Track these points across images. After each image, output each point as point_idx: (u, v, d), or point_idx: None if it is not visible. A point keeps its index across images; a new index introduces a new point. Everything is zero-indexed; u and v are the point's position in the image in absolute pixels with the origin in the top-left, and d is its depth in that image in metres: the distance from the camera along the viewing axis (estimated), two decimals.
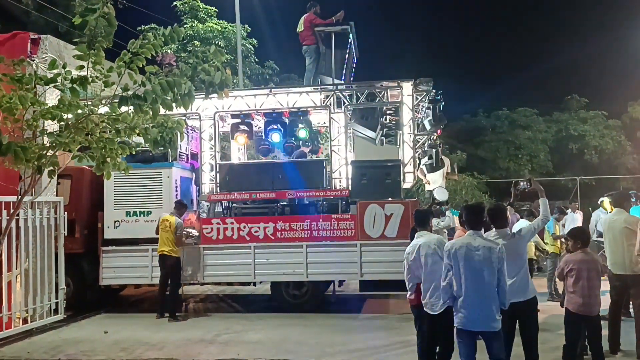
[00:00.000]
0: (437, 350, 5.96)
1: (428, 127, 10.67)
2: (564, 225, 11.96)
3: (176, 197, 10.35)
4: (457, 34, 55.01)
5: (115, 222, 10.41)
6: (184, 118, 9.76)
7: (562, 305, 6.29)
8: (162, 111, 5.35)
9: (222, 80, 5.22)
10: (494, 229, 5.63)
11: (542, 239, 10.88)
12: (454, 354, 5.58)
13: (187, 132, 11.41)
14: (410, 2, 58.42)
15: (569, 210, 14.92)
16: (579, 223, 13.89)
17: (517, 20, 52.98)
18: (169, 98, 5.11)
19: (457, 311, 5.11)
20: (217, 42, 21.38)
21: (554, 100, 34.44)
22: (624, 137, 31.33)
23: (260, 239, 10.05)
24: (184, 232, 9.88)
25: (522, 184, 6.43)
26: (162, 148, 5.91)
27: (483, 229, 5.35)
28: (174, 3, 22.74)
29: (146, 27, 20.31)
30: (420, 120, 10.92)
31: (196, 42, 21.06)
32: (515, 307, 5.34)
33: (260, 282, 10.86)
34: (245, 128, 10.75)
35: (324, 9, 11.95)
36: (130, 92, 5.13)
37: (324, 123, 11.74)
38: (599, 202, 12.36)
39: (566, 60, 43.93)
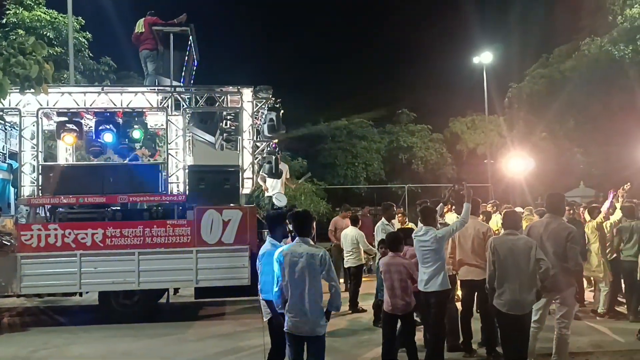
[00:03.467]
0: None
1: (267, 133, 10.81)
2: None
3: None
4: (302, 45, 56.70)
5: None
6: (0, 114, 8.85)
7: None
8: None
9: (39, 75, 4.80)
10: (423, 226, 6.59)
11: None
12: None
13: (5, 129, 10.35)
14: (253, 13, 59.04)
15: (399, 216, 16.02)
16: None
17: (358, 35, 56.11)
18: None
19: (286, 315, 5.25)
20: (45, 32, 19.65)
21: (387, 113, 36.99)
22: (445, 149, 34.69)
23: (87, 246, 9.40)
24: None
25: (456, 187, 7.69)
26: None
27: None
28: None
29: None
30: (260, 126, 11.04)
31: (20, 31, 19.15)
32: (429, 295, 6.40)
33: (87, 292, 10.17)
34: (73, 127, 10.00)
35: (167, 11, 11.64)
36: None
37: (161, 125, 11.36)
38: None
39: (399, 76, 47.47)
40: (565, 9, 30.64)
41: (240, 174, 10.19)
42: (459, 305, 7.58)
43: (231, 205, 9.82)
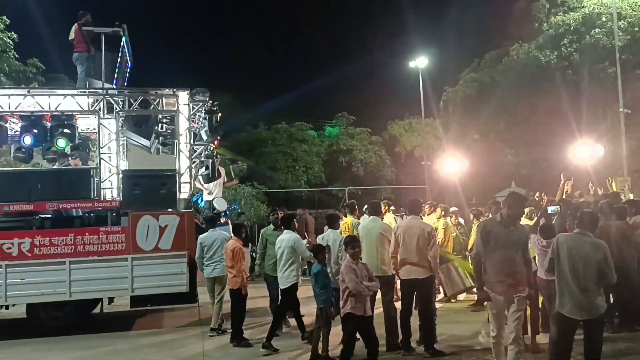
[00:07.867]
0: None
1: (204, 137, 10.63)
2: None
3: None
4: (242, 48, 56.27)
5: None
6: None
7: None
8: None
9: None
10: None
11: None
12: None
13: None
14: (191, 15, 58.22)
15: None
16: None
17: (298, 39, 56.27)
18: None
19: None
20: None
21: (326, 116, 37.23)
22: (384, 152, 35.20)
23: (13, 257, 8.94)
24: None
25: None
26: None
27: None
28: None
29: None
30: (197, 130, 10.85)
31: None
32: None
33: (14, 305, 9.65)
34: None
35: (100, 11, 11.27)
36: None
37: (93, 129, 10.95)
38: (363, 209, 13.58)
39: (338, 80, 47.82)
40: (495, 16, 31.90)
41: (177, 178, 9.96)
42: (398, 304, 7.70)
43: (168, 210, 9.59)
